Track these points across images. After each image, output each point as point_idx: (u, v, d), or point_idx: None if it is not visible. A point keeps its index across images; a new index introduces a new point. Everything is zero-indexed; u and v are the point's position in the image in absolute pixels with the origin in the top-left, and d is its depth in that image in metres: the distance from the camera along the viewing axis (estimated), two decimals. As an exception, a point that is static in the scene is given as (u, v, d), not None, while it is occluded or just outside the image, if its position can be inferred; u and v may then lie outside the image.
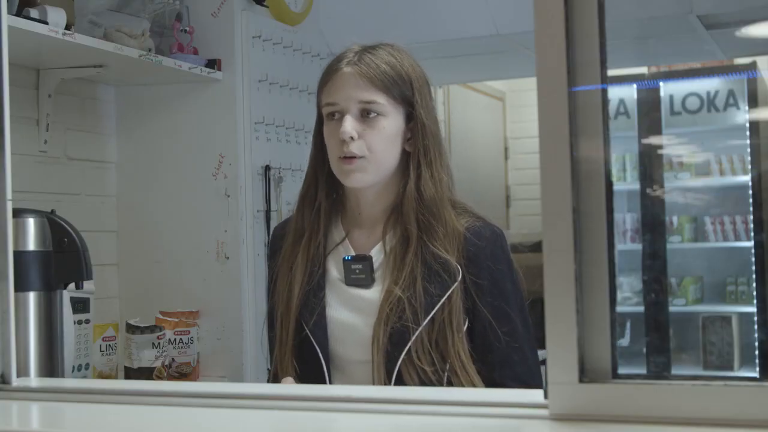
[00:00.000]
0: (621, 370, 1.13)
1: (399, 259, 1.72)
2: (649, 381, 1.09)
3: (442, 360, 1.69)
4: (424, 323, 1.67)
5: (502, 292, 1.76)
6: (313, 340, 1.73)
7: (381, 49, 1.78)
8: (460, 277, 1.71)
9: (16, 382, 1.49)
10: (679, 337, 5.16)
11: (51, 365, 1.79)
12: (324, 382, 1.72)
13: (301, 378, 1.75)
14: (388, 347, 1.68)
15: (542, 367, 1.64)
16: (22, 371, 1.68)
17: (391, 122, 1.75)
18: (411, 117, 1.77)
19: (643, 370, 4.91)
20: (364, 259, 1.75)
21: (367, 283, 1.75)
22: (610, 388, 1.11)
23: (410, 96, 1.76)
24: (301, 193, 1.83)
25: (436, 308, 1.68)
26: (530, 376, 1.76)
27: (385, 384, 1.67)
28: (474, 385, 1.70)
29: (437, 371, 1.68)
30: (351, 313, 1.75)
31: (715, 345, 5.05)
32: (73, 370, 1.94)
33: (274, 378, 1.80)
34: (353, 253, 1.78)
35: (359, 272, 1.75)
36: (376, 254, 1.77)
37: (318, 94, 1.81)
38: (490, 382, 1.74)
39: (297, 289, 1.76)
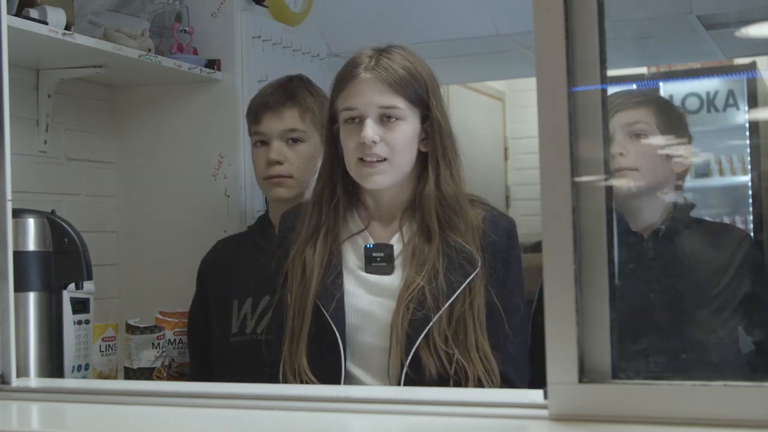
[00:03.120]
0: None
1: (420, 253, 1.76)
2: (649, 381, 1.10)
3: (459, 348, 1.72)
4: (445, 307, 1.72)
5: (516, 282, 1.83)
6: (333, 324, 1.75)
7: (395, 53, 1.82)
8: (479, 265, 1.75)
9: (15, 382, 1.49)
10: (679, 338, 5.15)
11: (51, 366, 1.79)
12: (339, 368, 1.74)
13: (314, 365, 1.76)
14: (409, 332, 1.71)
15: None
16: (22, 371, 1.68)
17: (410, 125, 1.79)
18: (426, 118, 1.82)
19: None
20: (386, 248, 1.80)
21: (388, 270, 1.79)
22: (609, 388, 1.11)
23: (426, 98, 1.81)
24: (317, 191, 1.86)
25: (457, 293, 1.73)
26: (525, 372, 1.81)
27: (401, 369, 1.70)
28: (490, 373, 1.73)
29: (451, 356, 1.71)
30: (370, 299, 1.78)
31: (715, 345, 5.05)
32: (72, 371, 1.94)
33: (283, 373, 1.78)
34: (372, 242, 1.82)
35: (381, 260, 1.80)
36: (395, 243, 1.81)
37: (332, 98, 1.85)
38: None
39: (314, 279, 1.78)
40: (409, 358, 1.70)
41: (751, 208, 4.95)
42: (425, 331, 1.70)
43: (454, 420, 1.21)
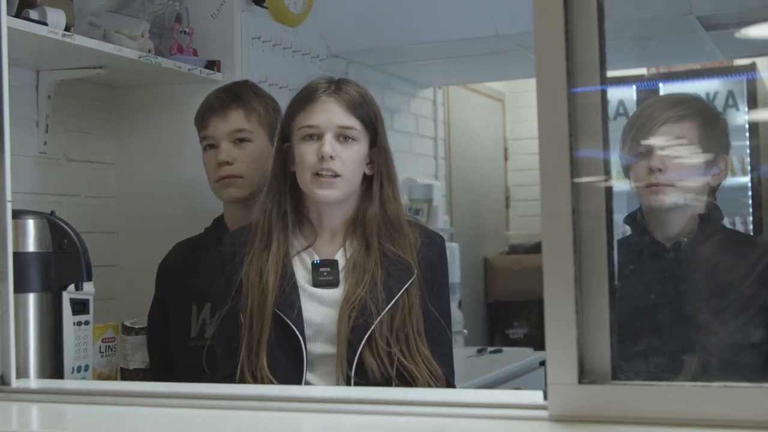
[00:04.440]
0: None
1: (360, 265, 1.90)
2: (649, 382, 1.10)
3: (401, 352, 1.85)
4: (385, 311, 1.85)
5: (447, 291, 2.01)
6: (296, 330, 1.86)
7: (350, 82, 1.98)
8: (416, 272, 1.89)
9: (15, 383, 1.49)
10: (678, 338, 5.14)
11: (50, 367, 1.79)
12: (300, 374, 1.85)
13: (273, 371, 1.84)
14: (351, 338, 1.84)
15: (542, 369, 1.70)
16: (22, 372, 1.68)
17: (361, 147, 1.95)
18: (373, 143, 1.97)
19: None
20: (332, 263, 1.93)
21: (334, 284, 1.92)
22: (609, 389, 1.11)
23: (375, 124, 1.97)
24: (267, 206, 1.97)
25: (396, 298, 1.86)
26: (454, 376, 1.96)
27: (347, 373, 1.83)
28: (435, 375, 1.87)
29: (393, 361, 1.84)
30: (320, 311, 1.90)
31: (714, 346, 5.04)
32: (72, 372, 1.94)
33: (241, 376, 1.86)
34: (317, 258, 1.94)
35: (327, 275, 1.93)
36: (339, 258, 1.94)
37: (290, 118, 1.98)
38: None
39: (271, 289, 1.88)
40: (355, 362, 1.82)
41: (750, 209, 4.95)
42: (367, 337, 1.83)
43: (453, 421, 1.21)
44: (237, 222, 2.33)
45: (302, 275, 1.94)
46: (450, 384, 1.94)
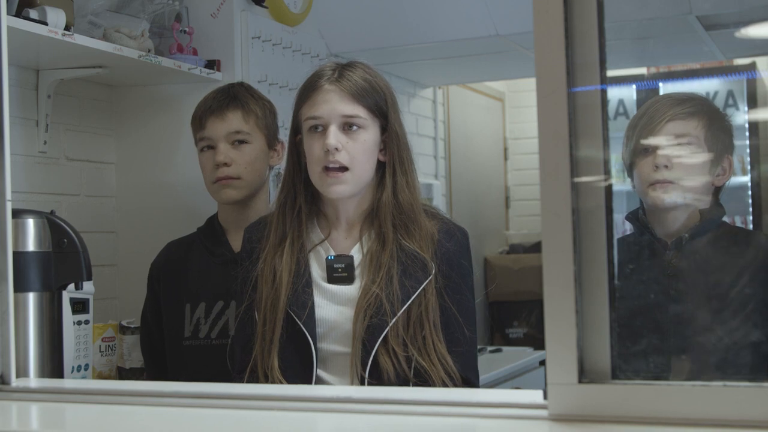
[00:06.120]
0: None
1: (376, 259, 1.84)
2: (648, 382, 1.10)
3: (418, 351, 1.80)
4: (400, 312, 1.79)
5: (470, 288, 1.91)
6: (306, 332, 1.82)
7: (356, 67, 1.91)
8: (434, 271, 1.83)
9: (15, 382, 1.49)
10: (678, 338, 5.14)
11: (50, 366, 1.79)
12: (310, 374, 1.82)
13: (285, 369, 1.82)
14: (366, 339, 1.79)
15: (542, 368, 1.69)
16: (22, 372, 1.68)
17: (370, 134, 1.87)
18: (385, 129, 1.90)
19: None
20: (346, 259, 1.88)
21: (349, 280, 1.87)
22: (609, 388, 1.11)
23: (385, 109, 1.90)
24: (281, 200, 1.94)
25: (412, 299, 1.80)
26: (478, 373, 1.91)
27: (361, 372, 1.78)
28: (451, 374, 1.81)
29: (409, 359, 1.80)
30: (333, 309, 1.85)
31: (714, 346, 5.04)
32: (72, 371, 1.94)
33: (251, 374, 1.84)
34: (333, 253, 1.89)
35: (342, 271, 1.87)
36: (355, 254, 1.89)
37: (296, 109, 1.94)
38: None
39: (284, 287, 1.84)
40: (369, 362, 1.78)
41: (750, 209, 4.95)
42: (383, 336, 1.78)
43: (453, 420, 1.21)
44: (231, 222, 2.34)
45: (317, 271, 1.89)
46: (470, 383, 1.88)
